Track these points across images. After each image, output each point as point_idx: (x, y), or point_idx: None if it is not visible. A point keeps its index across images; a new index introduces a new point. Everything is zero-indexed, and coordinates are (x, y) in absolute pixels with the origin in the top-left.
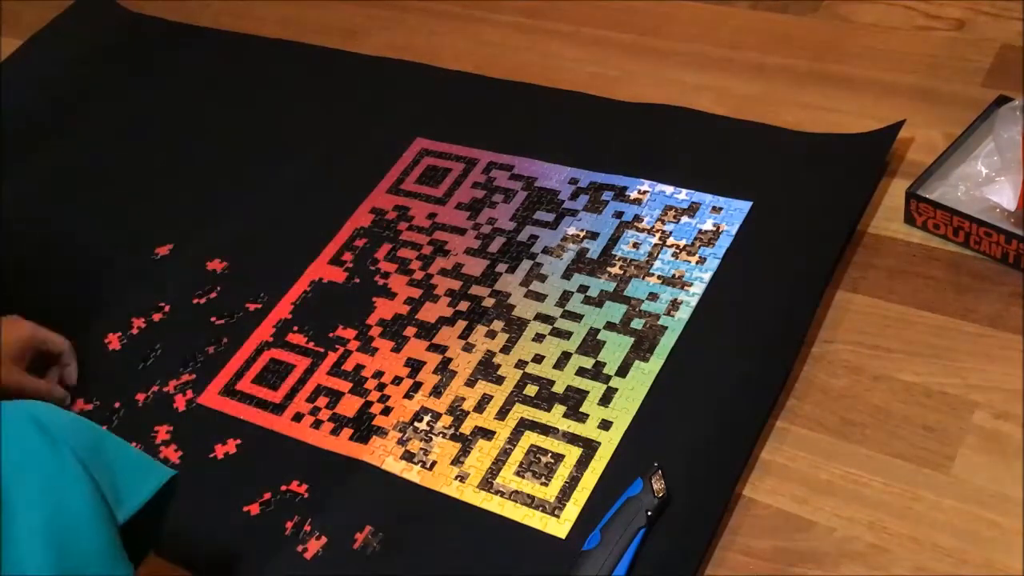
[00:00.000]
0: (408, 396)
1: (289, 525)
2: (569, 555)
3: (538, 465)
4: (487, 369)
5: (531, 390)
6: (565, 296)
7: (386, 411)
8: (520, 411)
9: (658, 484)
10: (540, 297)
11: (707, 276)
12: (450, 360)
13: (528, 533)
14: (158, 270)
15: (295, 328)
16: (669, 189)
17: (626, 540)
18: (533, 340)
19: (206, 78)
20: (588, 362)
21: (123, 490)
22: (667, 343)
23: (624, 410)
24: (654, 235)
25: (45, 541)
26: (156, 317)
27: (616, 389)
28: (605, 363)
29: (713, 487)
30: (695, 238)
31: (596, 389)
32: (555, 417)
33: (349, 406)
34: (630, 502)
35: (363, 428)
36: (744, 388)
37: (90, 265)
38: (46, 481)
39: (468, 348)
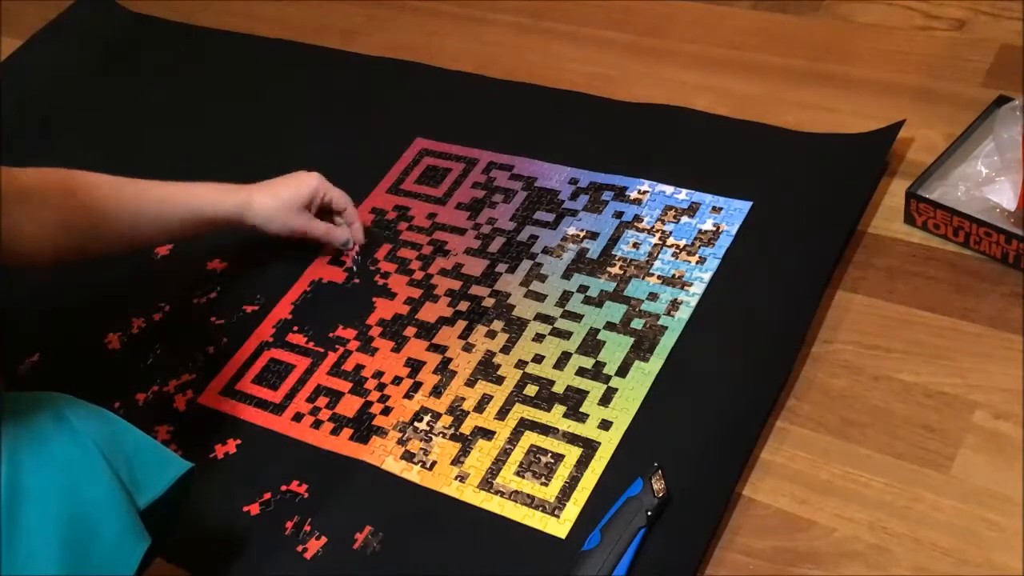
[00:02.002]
0: (408, 396)
1: (289, 525)
2: (569, 555)
3: (538, 465)
4: (487, 369)
5: (531, 390)
6: (565, 296)
7: (386, 411)
8: (520, 411)
9: (658, 484)
10: (540, 297)
11: (707, 276)
12: (450, 360)
13: (528, 533)
14: (158, 270)
15: (295, 328)
16: (669, 189)
17: (626, 540)
18: (533, 340)
19: (206, 78)
20: (588, 362)
21: (141, 480)
22: (667, 343)
23: (624, 410)
24: (654, 235)
25: (59, 526)
26: (156, 317)
27: (616, 389)
28: (605, 363)
29: (713, 487)
30: (695, 238)
31: (596, 389)
32: (555, 417)
33: (349, 406)
34: (630, 502)
35: (363, 428)
36: (744, 388)
37: (90, 265)
38: (64, 468)
39: (468, 348)
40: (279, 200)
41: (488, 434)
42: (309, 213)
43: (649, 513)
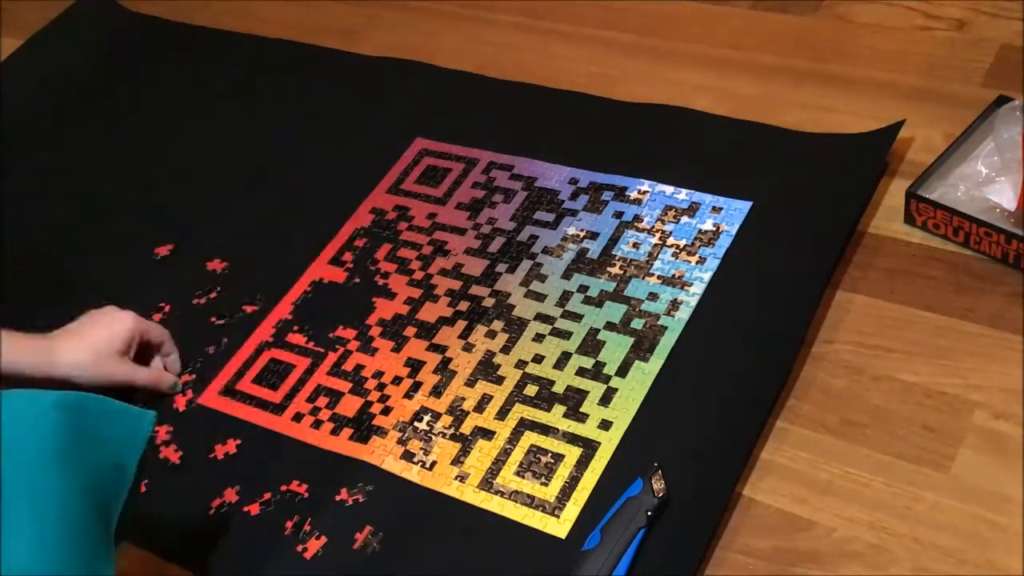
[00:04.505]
0: (408, 396)
1: (289, 525)
2: (569, 555)
3: (538, 465)
4: (487, 369)
5: (531, 390)
6: (565, 296)
7: (386, 411)
8: (520, 411)
9: (658, 484)
10: (540, 297)
11: (707, 276)
12: (450, 360)
13: (528, 533)
14: (158, 270)
15: (295, 328)
16: (669, 189)
17: (626, 540)
18: (533, 340)
19: (206, 78)
20: (588, 362)
21: (122, 451)
22: (667, 343)
23: (624, 410)
24: (654, 235)
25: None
26: (156, 317)
27: (616, 389)
28: (605, 363)
29: (713, 487)
30: (695, 238)
31: (596, 389)
32: (555, 417)
33: (349, 406)
34: (630, 502)
35: (363, 428)
36: (744, 388)
37: (90, 265)
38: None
39: (468, 348)
40: (90, 347)
41: (488, 434)
42: (127, 359)
43: (649, 513)
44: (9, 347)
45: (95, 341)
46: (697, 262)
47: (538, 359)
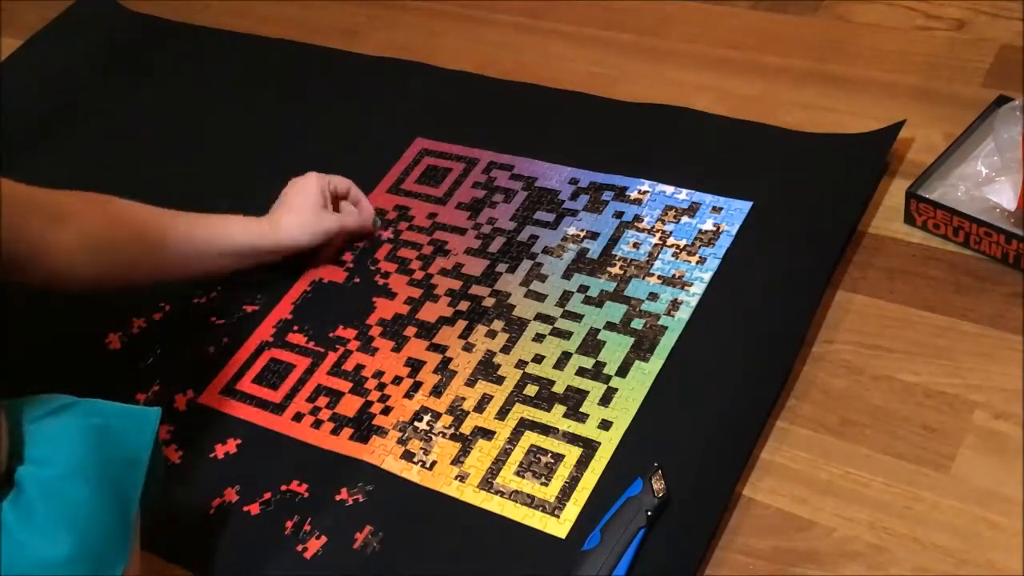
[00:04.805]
0: (408, 396)
1: (289, 525)
2: (569, 555)
3: (538, 465)
4: (487, 369)
5: (531, 390)
6: (565, 296)
7: (386, 411)
8: (520, 411)
9: (658, 484)
10: (540, 297)
11: (707, 276)
12: (450, 360)
13: (528, 533)
14: None
15: (295, 328)
16: (669, 189)
17: (626, 540)
18: (533, 340)
19: (206, 78)
20: (588, 362)
21: (134, 447)
22: (667, 343)
23: (624, 410)
24: (654, 235)
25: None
26: (156, 317)
27: (616, 389)
28: (605, 363)
29: (713, 487)
30: (695, 238)
31: (596, 389)
32: (555, 417)
33: (349, 406)
34: (630, 502)
35: (363, 428)
36: (744, 388)
37: None
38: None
39: (468, 348)
40: (299, 210)
41: (488, 434)
42: (329, 210)
43: (649, 513)
44: (245, 229)
45: (301, 206)
46: (697, 262)
47: (538, 359)
